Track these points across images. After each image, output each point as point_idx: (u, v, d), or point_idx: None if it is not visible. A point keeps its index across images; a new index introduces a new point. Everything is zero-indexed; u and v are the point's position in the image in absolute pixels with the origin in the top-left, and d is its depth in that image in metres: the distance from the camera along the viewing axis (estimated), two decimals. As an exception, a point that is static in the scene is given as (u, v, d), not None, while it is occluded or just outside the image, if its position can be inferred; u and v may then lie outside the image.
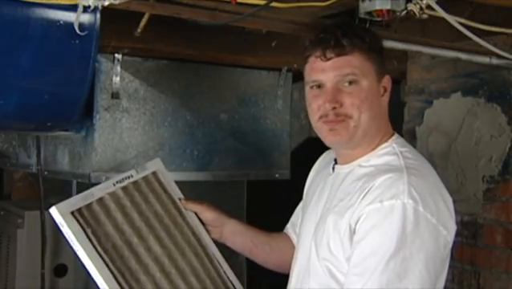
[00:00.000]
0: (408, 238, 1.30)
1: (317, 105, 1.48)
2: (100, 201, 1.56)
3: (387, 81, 1.51)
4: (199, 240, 1.73)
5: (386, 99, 1.51)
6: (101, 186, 1.60)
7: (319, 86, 1.48)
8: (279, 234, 1.82)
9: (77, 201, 1.52)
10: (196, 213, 1.77)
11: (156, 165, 1.79)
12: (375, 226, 1.33)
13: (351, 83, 1.44)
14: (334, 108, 1.44)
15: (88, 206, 1.53)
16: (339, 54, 1.44)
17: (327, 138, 1.50)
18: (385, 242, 1.31)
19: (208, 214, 1.77)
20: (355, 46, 1.44)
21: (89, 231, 1.49)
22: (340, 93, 1.44)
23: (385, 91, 1.51)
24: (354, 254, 1.35)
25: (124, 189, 1.64)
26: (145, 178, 1.72)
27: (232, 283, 1.75)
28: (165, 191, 1.76)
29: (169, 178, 1.80)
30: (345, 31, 1.45)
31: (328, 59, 1.44)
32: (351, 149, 1.51)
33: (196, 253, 1.69)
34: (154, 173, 1.76)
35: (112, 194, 1.60)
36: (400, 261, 1.29)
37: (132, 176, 1.68)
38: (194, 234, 1.73)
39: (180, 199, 1.77)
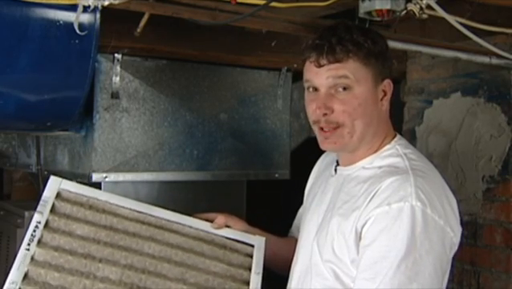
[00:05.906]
0: (417, 240, 1.30)
1: (311, 109, 1.48)
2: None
3: (387, 85, 1.49)
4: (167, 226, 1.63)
5: (386, 102, 1.50)
6: (13, 274, 1.37)
7: (316, 89, 1.48)
8: (289, 238, 1.80)
9: None
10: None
11: (53, 186, 1.55)
12: (384, 230, 1.32)
13: (344, 88, 1.43)
14: (325, 115, 1.45)
15: None
16: (332, 62, 1.43)
17: (322, 145, 1.51)
18: (395, 245, 1.30)
19: (240, 226, 1.76)
20: (348, 53, 1.42)
21: None
22: (332, 99, 1.44)
23: (385, 94, 1.49)
24: (363, 258, 1.34)
25: (40, 244, 1.43)
26: (53, 211, 1.52)
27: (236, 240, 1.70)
28: (82, 204, 1.57)
29: (75, 186, 1.60)
30: (340, 38, 1.43)
31: (322, 66, 1.44)
32: (350, 153, 1.51)
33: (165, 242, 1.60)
34: (58, 197, 1.55)
35: (33, 270, 1.40)
36: (411, 264, 1.29)
37: (39, 222, 1.47)
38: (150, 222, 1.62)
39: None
